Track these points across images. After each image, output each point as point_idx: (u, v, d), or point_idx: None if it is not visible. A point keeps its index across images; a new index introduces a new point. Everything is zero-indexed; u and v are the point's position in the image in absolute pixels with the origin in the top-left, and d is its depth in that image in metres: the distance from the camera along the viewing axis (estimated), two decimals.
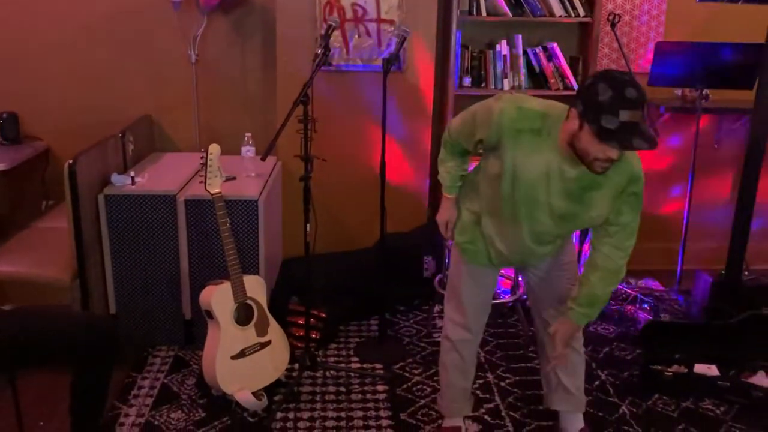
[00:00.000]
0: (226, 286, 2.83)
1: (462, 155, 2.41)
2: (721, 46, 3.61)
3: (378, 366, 3.23)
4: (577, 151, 2.01)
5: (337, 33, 3.68)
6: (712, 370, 3.08)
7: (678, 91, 4.14)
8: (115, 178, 3.21)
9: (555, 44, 3.89)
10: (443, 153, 2.45)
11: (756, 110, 3.27)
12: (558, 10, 3.83)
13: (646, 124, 1.89)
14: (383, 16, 3.70)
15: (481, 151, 2.29)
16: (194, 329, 3.27)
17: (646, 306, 3.75)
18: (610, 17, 3.84)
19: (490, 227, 2.32)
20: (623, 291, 3.90)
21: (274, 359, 2.96)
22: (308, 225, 2.97)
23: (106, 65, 3.96)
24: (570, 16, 3.85)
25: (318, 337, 3.34)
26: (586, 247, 3.45)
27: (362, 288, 3.64)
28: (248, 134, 3.48)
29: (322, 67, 2.88)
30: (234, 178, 3.29)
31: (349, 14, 3.70)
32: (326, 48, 2.85)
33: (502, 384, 3.11)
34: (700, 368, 3.09)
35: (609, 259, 2.24)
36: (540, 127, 2.09)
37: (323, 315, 3.36)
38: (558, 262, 2.44)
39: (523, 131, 2.10)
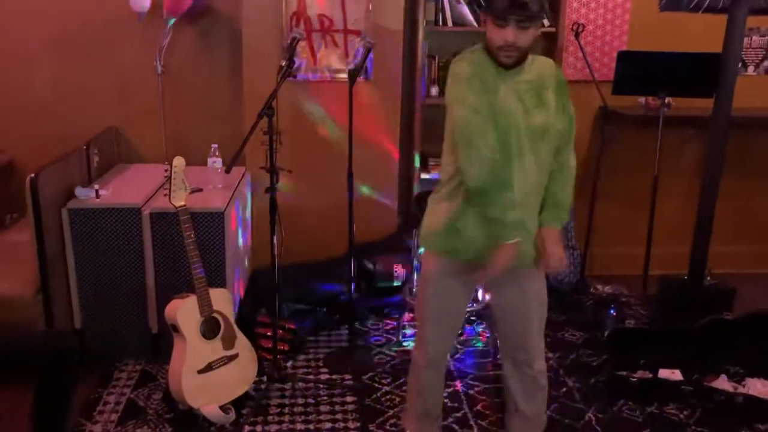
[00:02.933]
0: (191, 300, 2.81)
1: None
2: (682, 55, 3.69)
3: (347, 377, 3.23)
4: (490, 52, 2.13)
5: (304, 43, 3.68)
6: (676, 375, 3.13)
7: (642, 99, 4.21)
8: (79, 191, 3.18)
9: None
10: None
11: (714, 118, 3.33)
12: None
13: (537, 7, 2.04)
14: (350, 26, 3.72)
15: None
16: (161, 343, 3.24)
17: (612, 312, 3.79)
18: (574, 27, 3.91)
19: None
20: (593, 294, 3.97)
21: (241, 372, 2.95)
22: (275, 237, 2.97)
23: (70, 77, 3.92)
24: None
25: (287, 348, 3.33)
26: None
27: (332, 298, 3.64)
28: (215, 145, 3.46)
29: (289, 78, 2.89)
30: (200, 190, 3.26)
31: (315, 25, 3.71)
32: (290, 60, 2.85)
33: (471, 392, 3.13)
34: (664, 373, 3.14)
35: (568, 160, 2.30)
36: (479, 62, 2.18)
37: (292, 326, 3.35)
38: (532, 289, 2.35)
39: (485, 67, 2.17)
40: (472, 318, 3.71)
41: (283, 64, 2.85)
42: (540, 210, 2.29)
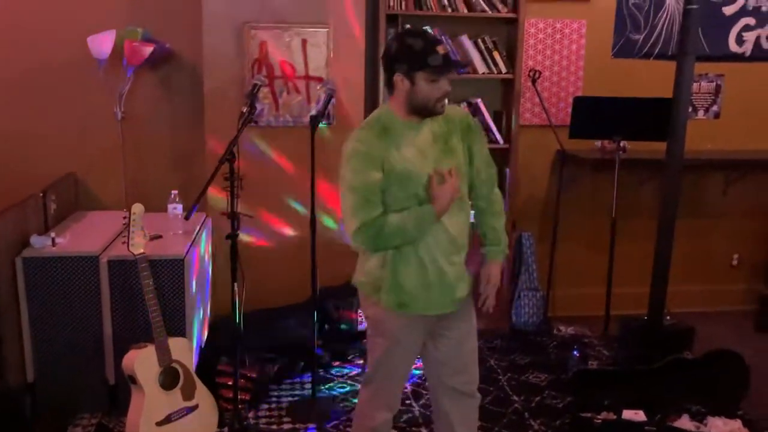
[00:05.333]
0: (149, 350, 2.75)
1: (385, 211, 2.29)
2: (635, 100, 3.81)
3: (311, 426, 3.16)
4: (419, 108, 2.21)
5: (266, 89, 3.71)
6: (639, 416, 3.14)
7: (598, 143, 4.31)
8: (35, 239, 3.11)
9: (479, 99, 4.01)
10: (388, 227, 2.20)
11: (668, 161, 3.43)
12: (481, 67, 3.97)
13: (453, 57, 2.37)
14: (311, 73, 3.76)
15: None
16: (119, 395, 3.14)
17: (575, 353, 3.81)
18: (531, 73, 4.03)
19: (428, 242, 2.26)
20: (556, 335, 3.99)
21: (201, 424, 2.88)
22: (236, 284, 2.94)
23: (28, 122, 3.87)
24: (493, 72, 4.00)
25: (248, 398, 3.26)
26: None
27: (294, 345, 3.58)
28: (174, 191, 3.43)
29: (251, 124, 2.90)
30: (160, 237, 3.22)
31: (277, 71, 3.74)
32: (252, 106, 2.86)
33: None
34: (627, 414, 3.15)
35: (492, 195, 2.45)
36: (383, 126, 2.25)
37: (253, 375, 3.29)
38: (470, 325, 2.44)
39: (380, 136, 2.23)
40: None
41: (245, 110, 2.86)
42: (491, 242, 2.45)
